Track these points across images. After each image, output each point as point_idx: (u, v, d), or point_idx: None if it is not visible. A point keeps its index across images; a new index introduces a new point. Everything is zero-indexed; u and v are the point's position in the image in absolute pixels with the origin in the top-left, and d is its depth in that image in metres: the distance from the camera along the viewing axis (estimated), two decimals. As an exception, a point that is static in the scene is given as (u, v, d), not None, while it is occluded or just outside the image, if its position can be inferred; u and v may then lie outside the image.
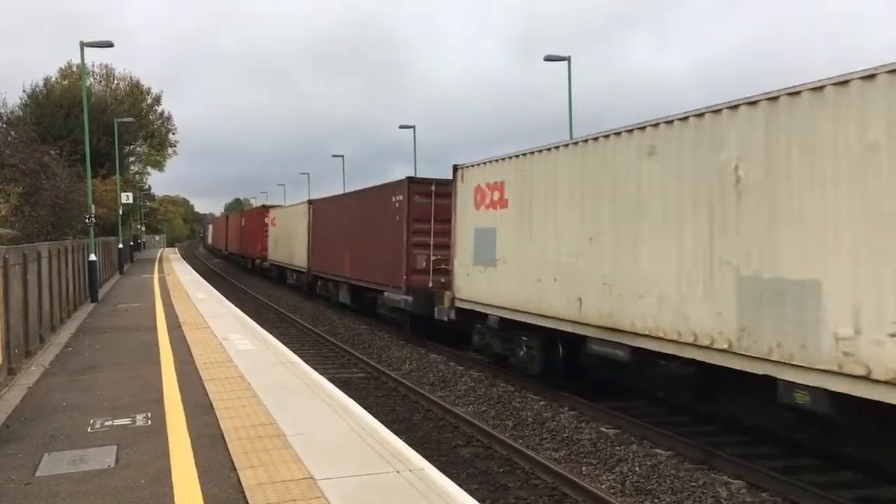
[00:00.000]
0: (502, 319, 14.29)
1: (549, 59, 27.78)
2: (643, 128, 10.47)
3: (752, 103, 8.61)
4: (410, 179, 20.40)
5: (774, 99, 8.31)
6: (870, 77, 7.25)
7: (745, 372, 8.62)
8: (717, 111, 9.15)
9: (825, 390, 7.60)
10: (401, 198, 20.19)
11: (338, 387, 10.64)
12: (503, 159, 14.53)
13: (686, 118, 9.65)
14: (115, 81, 61.34)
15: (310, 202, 33.68)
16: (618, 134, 11.04)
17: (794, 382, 7.94)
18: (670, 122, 9.94)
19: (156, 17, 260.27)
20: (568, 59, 27.94)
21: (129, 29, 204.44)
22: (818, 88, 7.79)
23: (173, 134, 67.16)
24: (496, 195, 14.59)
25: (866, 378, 7.14)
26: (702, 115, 9.39)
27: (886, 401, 6.97)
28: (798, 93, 8.00)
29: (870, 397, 7.13)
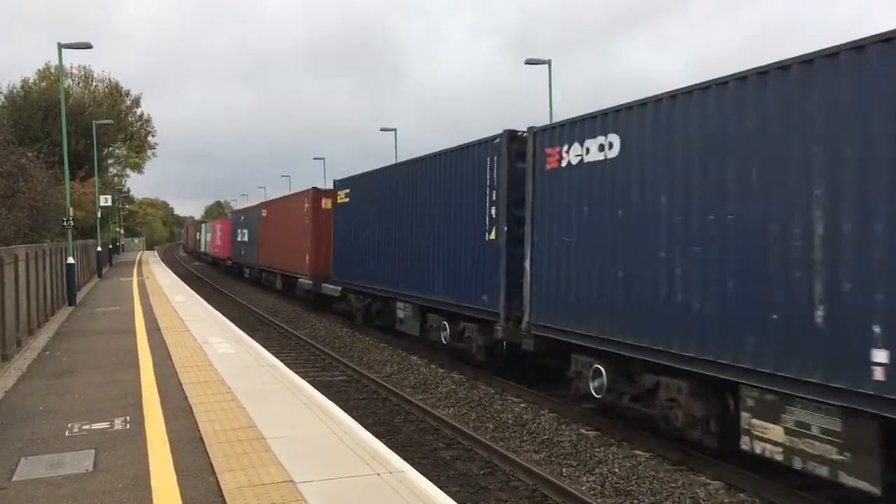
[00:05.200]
0: None
1: (529, 62, 27.86)
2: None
3: None
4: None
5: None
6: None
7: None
8: None
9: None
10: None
11: (318, 390, 10.64)
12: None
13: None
14: (94, 83, 60.81)
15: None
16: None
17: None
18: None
19: (147, 18, 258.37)
20: (548, 62, 28.06)
21: (120, 29, 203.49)
22: None
23: (152, 136, 66.68)
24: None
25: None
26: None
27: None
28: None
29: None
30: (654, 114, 9.83)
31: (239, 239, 46.68)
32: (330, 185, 30.07)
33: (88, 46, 26.26)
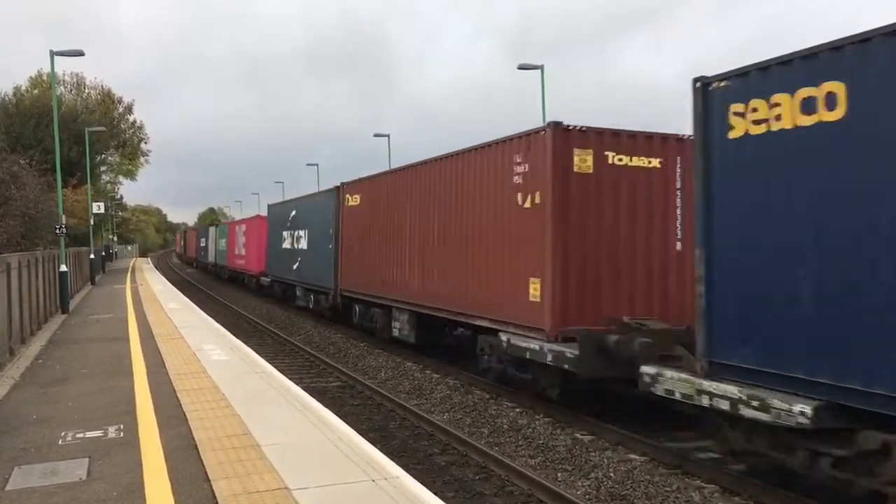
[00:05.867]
0: None
1: (522, 67, 27.93)
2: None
3: None
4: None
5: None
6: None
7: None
8: None
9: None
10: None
11: (313, 396, 10.63)
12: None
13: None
14: (87, 90, 60.94)
15: None
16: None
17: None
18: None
19: (142, 22, 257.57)
20: (541, 67, 28.13)
21: (115, 34, 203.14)
22: None
23: (145, 143, 66.74)
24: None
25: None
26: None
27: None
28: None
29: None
30: None
31: (285, 246, 30.94)
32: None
33: (81, 54, 26.26)
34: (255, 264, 38.80)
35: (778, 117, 7.84)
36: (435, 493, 6.50)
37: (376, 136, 45.07)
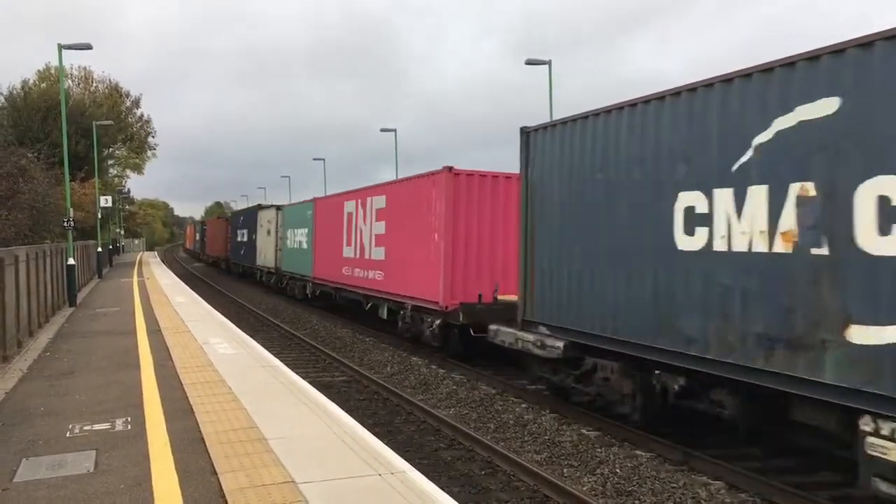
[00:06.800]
0: None
1: (529, 62, 27.87)
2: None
3: None
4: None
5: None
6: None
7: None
8: None
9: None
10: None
11: (319, 390, 10.64)
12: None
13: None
14: (94, 84, 61.02)
15: None
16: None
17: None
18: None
19: (148, 18, 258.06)
20: (549, 62, 28.07)
21: (121, 30, 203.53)
22: None
23: (153, 137, 66.82)
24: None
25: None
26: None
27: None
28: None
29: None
30: None
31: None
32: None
33: (88, 47, 26.28)
34: (440, 290, 16.79)
35: None
36: (441, 488, 6.50)
37: (383, 130, 45.22)
